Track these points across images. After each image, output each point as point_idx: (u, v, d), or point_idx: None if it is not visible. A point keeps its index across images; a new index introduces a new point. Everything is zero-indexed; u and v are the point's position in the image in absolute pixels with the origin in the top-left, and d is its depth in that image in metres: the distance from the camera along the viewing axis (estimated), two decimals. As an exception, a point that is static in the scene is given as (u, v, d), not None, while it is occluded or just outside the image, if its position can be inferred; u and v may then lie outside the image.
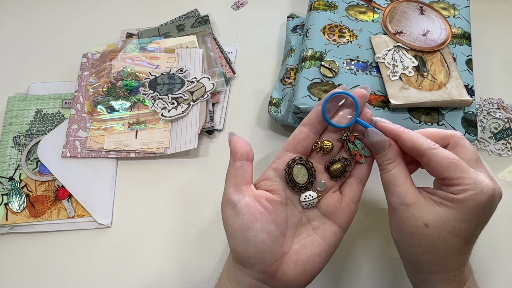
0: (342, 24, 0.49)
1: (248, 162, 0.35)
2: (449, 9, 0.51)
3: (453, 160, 0.30)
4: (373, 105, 0.44)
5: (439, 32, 0.48)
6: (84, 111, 0.52)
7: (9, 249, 0.46)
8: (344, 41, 0.48)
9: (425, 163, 0.32)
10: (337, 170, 0.35)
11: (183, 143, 0.49)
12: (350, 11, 0.50)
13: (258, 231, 0.32)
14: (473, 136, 0.44)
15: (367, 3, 0.51)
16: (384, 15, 0.50)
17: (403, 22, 0.48)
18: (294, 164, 0.34)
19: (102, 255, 0.45)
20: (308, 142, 0.35)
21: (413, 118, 0.44)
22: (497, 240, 0.46)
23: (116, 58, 0.55)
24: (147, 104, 0.51)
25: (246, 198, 0.33)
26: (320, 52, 0.47)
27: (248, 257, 0.32)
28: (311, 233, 0.34)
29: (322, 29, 0.49)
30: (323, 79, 0.45)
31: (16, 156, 0.50)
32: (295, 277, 0.33)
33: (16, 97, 0.54)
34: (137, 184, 0.49)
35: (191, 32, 0.57)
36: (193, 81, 0.52)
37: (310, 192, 0.35)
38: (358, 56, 0.47)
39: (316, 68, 0.46)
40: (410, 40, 0.47)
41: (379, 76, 0.46)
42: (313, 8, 0.51)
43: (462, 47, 0.48)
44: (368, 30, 0.49)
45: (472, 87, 0.46)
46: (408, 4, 0.50)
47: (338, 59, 0.47)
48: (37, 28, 0.61)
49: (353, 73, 0.46)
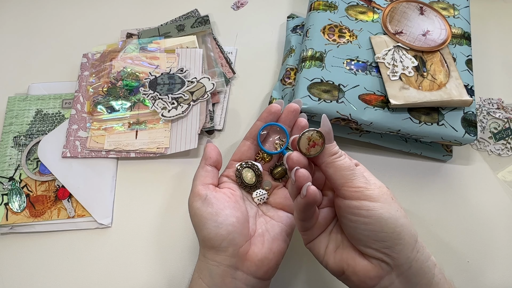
0: (342, 24, 0.49)
1: (216, 169, 0.41)
2: (449, 9, 0.51)
3: (351, 167, 0.32)
4: (373, 105, 0.44)
5: (439, 32, 0.48)
6: (84, 111, 0.52)
7: (9, 249, 0.46)
8: (344, 41, 0.48)
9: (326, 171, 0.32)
10: (279, 172, 0.42)
11: (183, 143, 0.49)
12: (350, 11, 0.50)
13: (228, 216, 0.36)
14: (473, 136, 0.44)
15: (367, 3, 0.51)
16: (384, 15, 0.50)
17: (403, 22, 0.48)
18: (243, 168, 0.41)
19: (102, 255, 0.45)
20: (251, 153, 0.42)
21: (413, 118, 0.44)
22: (498, 239, 0.46)
23: (116, 58, 0.55)
24: (147, 104, 0.51)
25: (213, 192, 0.38)
26: (320, 52, 0.47)
27: (220, 240, 0.35)
28: (268, 220, 0.40)
29: (322, 29, 0.49)
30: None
31: (16, 156, 0.50)
32: (264, 255, 0.36)
33: (16, 97, 0.54)
34: (137, 184, 0.49)
35: (191, 32, 0.57)
36: (193, 81, 0.52)
37: (260, 190, 0.41)
38: (358, 56, 0.47)
39: (316, 68, 0.46)
40: (410, 40, 0.47)
41: (379, 76, 0.46)
42: (313, 8, 0.51)
43: (462, 47, 0.48)
44: (368, 30, 0.49)
45: (472, 87, 0.46)
46: (408, 4, 0.50)
47: (338, 59, 0.47)
48: (37, 28, 0.61)
49: (353, 73, 0.46)
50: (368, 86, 0.45)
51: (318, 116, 0.45)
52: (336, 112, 0.44)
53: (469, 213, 0.47)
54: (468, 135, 0.44)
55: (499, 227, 0.46)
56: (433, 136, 0.44)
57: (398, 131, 0.45)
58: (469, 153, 0.51)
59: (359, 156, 0.50)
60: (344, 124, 0.45)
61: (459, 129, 0.44)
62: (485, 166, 0.50)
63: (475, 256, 0.45)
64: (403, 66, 0.46)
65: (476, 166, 0.50)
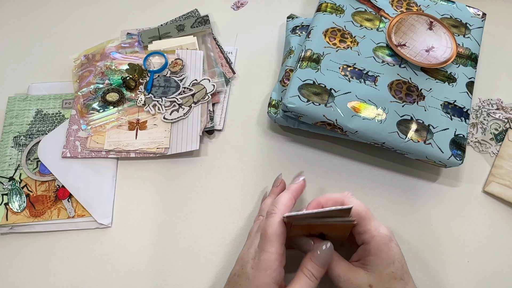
0: (345, 29, 0.49)
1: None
2: (461, 27, 0.50)
3: (365, 209, 0.37)
4: (361, 114, 0.44)
5: (444, 50, 0.47)
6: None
7: (9, 249, 0.46)
8: (344, 46, 0.48)
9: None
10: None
11: (184, 144, 0.49)
12: (357, 17, 0.50)
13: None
14: (459, 160, 0.43)
15: (376, 11, 0.50)
16: (391, 25, 0.49)
17: (408, 35, 0.47)
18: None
19: (102, 255, 0.45)
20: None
21: (400, 132, 0.44)
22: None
23: (102, 56, 0.55)
24: (139, 105, 0.51)
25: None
26: (318, 54, 0.47)
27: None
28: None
29: (325, 31, 0.49)
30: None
31: (17, 156, 0.50)
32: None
33: (17, 97, 0.54)
34: (137, 184, 0.49)
35: (191, 32, 0.57)
36: (191, 89, 0.52)
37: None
38: (356, 63, 0.47)
39: (311, 70, 0.46)
40: (411, 54, 0.47)
41: (373, 85, 0.45)
42: (321, 9, 0.50)
43: (466, 68, 0.47)
44: (371, 39, 0.48)
45: (468, 110, 0.45)
46: (418, 17, 0.49)
47: (335, 63, 0.46)
48: (37, 28, 0.61)
49: (347, 79, 0.46)
50: (360, 95, 0.45)
51: (304, 117, 0.45)
52: (322, 115, 0.44)
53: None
54: (454, 158, 0.43)
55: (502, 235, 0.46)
56: (418, 154, 0.44)
57: (382, 143, 0.44)
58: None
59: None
60: (330, 128, 0.45)
61: (446, 151, 0.43)
62: (487, 168, 0.49)
63: (476, 256, 0.45)
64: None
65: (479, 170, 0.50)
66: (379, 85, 0.46)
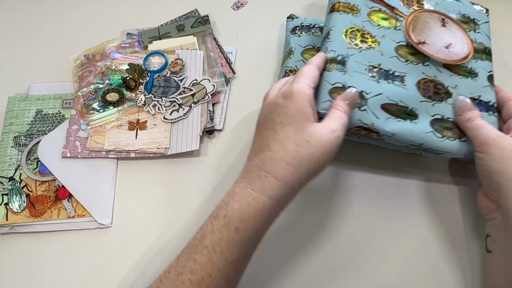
0: (364, 29, 0.47)
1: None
2: (470, 23, 0.49)
3: None
4: (395, 116, 0.42)
5: (461, 46, 0.47)
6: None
7: (9, 249, 0.46)
8: (366, 47, 0.45)
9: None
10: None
11: (184, 144, 0.49)
12: (372, 16, 0.48)
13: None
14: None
15: (390, 10, 0.49)
16: (407, 23, 0.48)
17: (425, 33, 0.46)
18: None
19: (102, 255, 0.45)
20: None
21: (436, 132, 0.43)
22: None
23: (102, 56, 0.55)
24: (139, 104, 0.51)
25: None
26: (342, 55, 0.44)
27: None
28: None
29: (345, 32, 0.46)
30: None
31: (17, 156, 0.50)
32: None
33: (17, 97, 0.54)
34: (137, 184, 0.49)
35: (191, 32, 0.57)
36: (191, 89, 0.52)
37: None
38: (381, 64, 0.45)
39: (338, 72, 0.43)
40: (433, 51, 0.46)
41: (403, 85, 0.44)
42: (335, 9, 0.48)
43: (483, 62, 0.47)
44: (391, 38, 0.47)
45: (494, 103, 0.45)
46: (431, 14, 0.48)
47: (361, 65, 0.44)
48: (37, 28, 0.61)
49: (375, 80, 0.44)
50: (391, 96, 0.43)
51: None
52: (358, 120, 0.42)
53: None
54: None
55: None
56: (455, 152, 0.43)
57: (420, 144, 0.43)
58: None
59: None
60: (365, 134, 0.43)
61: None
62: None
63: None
64: None
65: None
66: (408, 84, 0.44)
